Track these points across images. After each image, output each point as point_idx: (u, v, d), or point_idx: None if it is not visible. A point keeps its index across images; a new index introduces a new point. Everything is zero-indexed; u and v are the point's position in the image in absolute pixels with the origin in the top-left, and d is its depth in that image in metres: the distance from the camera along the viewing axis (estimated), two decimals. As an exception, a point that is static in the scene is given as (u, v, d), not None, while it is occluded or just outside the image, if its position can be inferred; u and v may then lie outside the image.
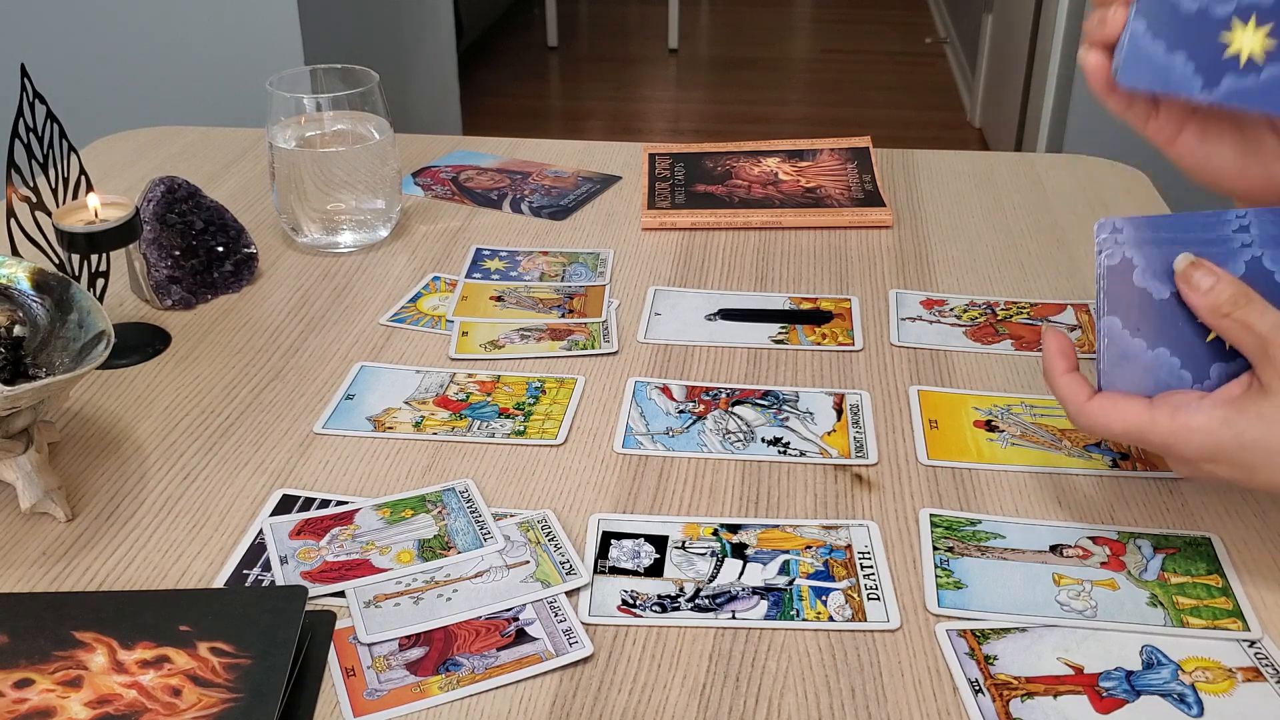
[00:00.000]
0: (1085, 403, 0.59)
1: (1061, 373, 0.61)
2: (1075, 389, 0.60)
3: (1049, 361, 0.61)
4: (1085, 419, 0.59)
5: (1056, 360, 0.61)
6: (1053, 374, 0.61)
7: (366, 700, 0.54)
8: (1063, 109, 2.49)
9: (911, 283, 0.91)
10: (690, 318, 0.86)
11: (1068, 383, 0.60)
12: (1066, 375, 0.61)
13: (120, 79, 2.04)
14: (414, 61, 2.62)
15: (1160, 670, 0.56)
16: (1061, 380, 0.61)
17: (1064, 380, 0.61)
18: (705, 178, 1.07)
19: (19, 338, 0.69)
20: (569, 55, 4.23)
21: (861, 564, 0.62)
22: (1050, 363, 0.61)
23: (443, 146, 1.15)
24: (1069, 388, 0.60)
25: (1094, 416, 0.59)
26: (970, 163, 1.12)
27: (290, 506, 0.67)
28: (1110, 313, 0.59)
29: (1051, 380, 0.61)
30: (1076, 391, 0.60)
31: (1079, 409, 0.59)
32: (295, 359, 0.81)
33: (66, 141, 0.83)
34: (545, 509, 0.66)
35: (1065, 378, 0.61)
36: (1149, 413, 0.57)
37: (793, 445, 0.72)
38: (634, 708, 0.54)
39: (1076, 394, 0.60)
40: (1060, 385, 0.61)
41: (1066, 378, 0.60)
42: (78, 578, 0.62)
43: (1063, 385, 0.60)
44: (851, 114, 3.66)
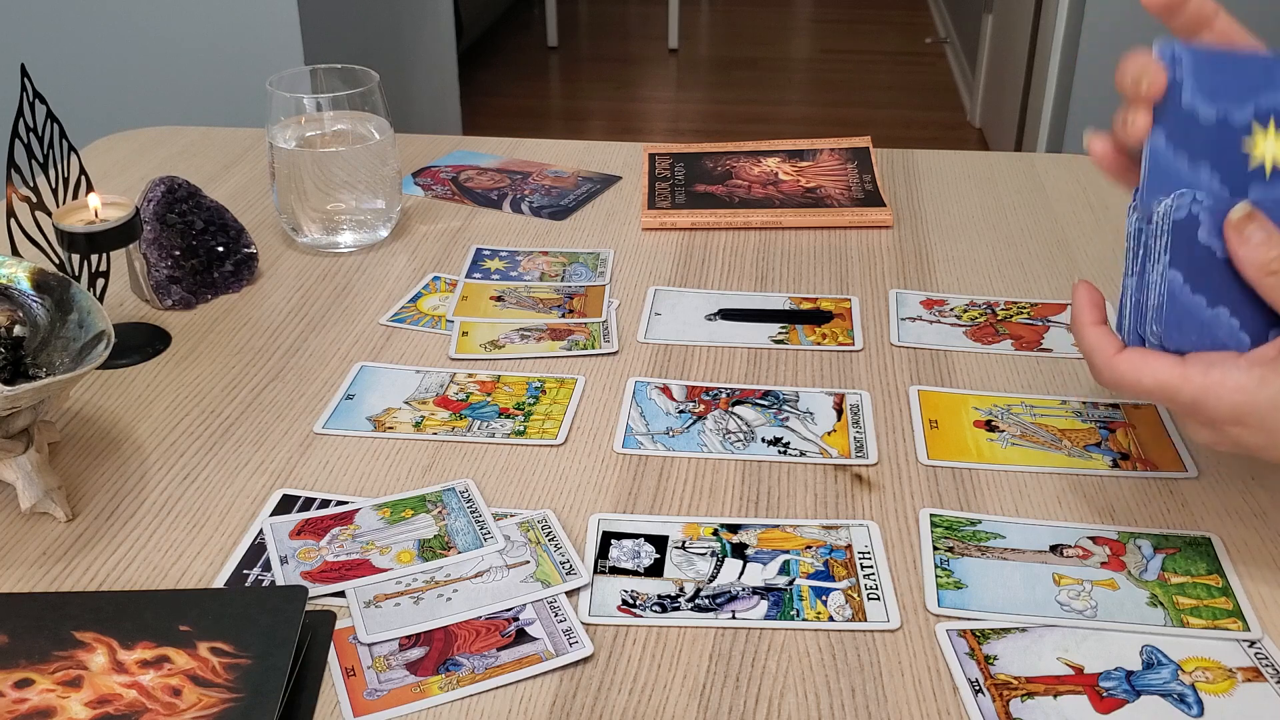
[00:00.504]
0: (1113, 356, 0.57)
1: (1090, 323, 0.59)
2: (1104, 341, 0.58)
3: (1078, 311, 0.59)
4: (1112, 373, 0.57)
5: (1085, 310, 0.59)
6: (1081, 324, 0.59)
7: (366, 700, 0.54)
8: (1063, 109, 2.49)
9: (911, 283, 0.91)
10: (690, 318, 0.86)
11: (1096, 335, 0.58)
12: (1095, 327, 0.58)
13: (120, 79, 2.04)
14: (414, 61, 2.62)
15: (1160, 670, 0.56)
16: (1090, 331, 0.58)
17: (1092, 331, 0.58)
18: (705, 178, 1.07)
19: (19, 338, 0.69)
20: (569, 55, 4.23)
21: (861, 564, 0.62)
22: (1079, 313, 0.59)
23: (443, 146, 1.15)
24: (1097, 340, 0.58)
25: (1122, 371, 0.57)
26: (970, 163, 1.12)
27: (290, 506, 0.67)
28: (1174, 266, 0.56)
29: (1079, 330, 0.59)
30: (1105, 344, 0.58)
31: (1106, 362, 0.57)
32: (295, 359, 0.81)
33: (66, 141, 0.83)
34: (545, 509, 0.66)
35: (1094, 329, 0.58)
36: (1181, 368, 0.56)
37: (793, 445, 0.72)
38: (634, 708, 0.54)
39: (1104, 346, 0.58)
40: (1089, 336, 0.58)
41: (1095, 329, 0.58)
42: (78, 578, 0.62)
43: (1091, 336, 0.58)
44: (851, 114, 3.66)
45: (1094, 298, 0.59)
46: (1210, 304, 0.56)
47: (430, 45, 2.72)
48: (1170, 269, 0.56)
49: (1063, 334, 0.83)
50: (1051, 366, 0.80)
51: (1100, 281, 0.90)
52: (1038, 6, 2.64)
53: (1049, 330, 0.84)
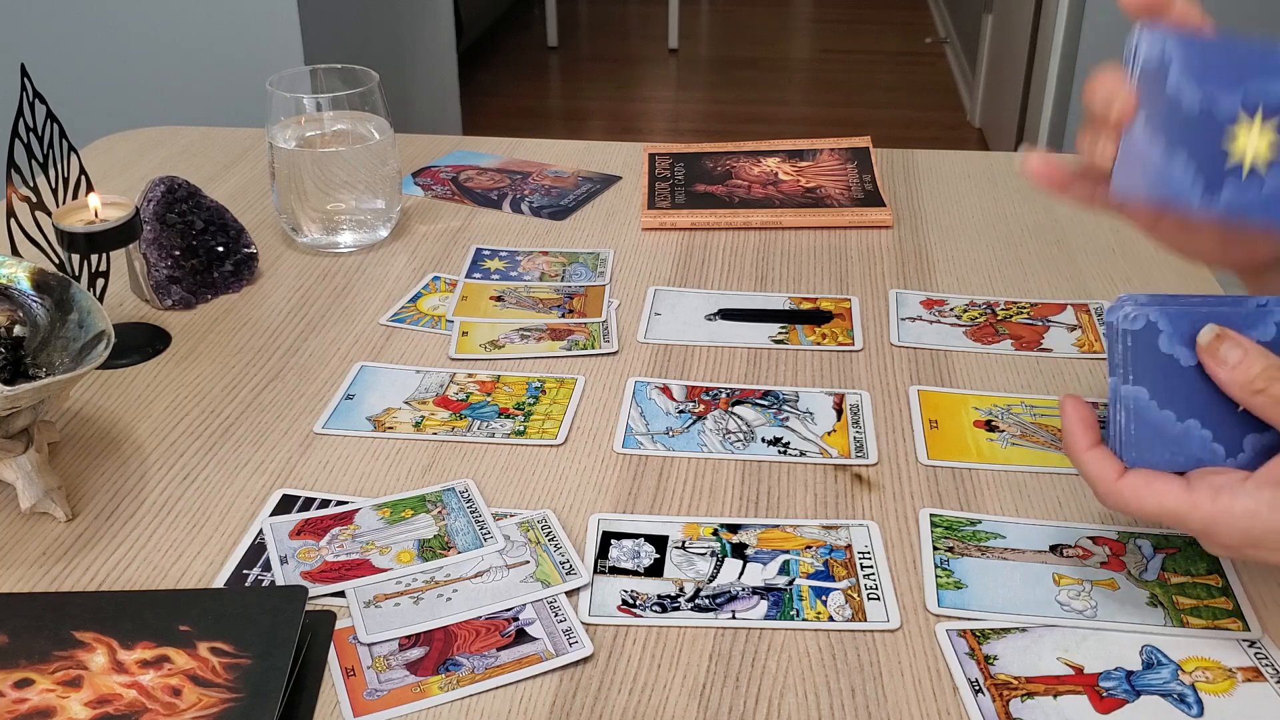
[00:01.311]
0: (1115, 482, 0.55)
1: (1086, 449, 0.56)
2: (1104, 467, 0.56)
3: (1071, 436, 0.57)
4: (1116, 499, 0.55)
5: (1080, 434, 0.56)
6: (1076, 450, 0.57)
7: (366, 700, 0.54)
8: (1063, 109, 2.49)
9: (911, 283, 0.91)
10: (690, 318, 0.86)
11: (1094, 459, 0.56)
12: (1092, 451, 0.56)
13: (120, 79, 2.04)
14: (414, 61, 2.62)
15: (1160, 670, 0.56)
16: (1087, 457, 0.56)
17: (1090, 457, 0.56)
18: (705, 178, 1.07)
19: (19, 338, 0.69)
20: (569, 55, 4.23)
21: (861, 564, 0.62)
22: (1072, 438, 0.57)
23: (443, 146, 1.15)
24: (1097, 465, 0.56)
25: (1126, 498, 0.55)
26: (970, 163, 1.12)
27: (290, 506, 0.67)
28: (1137, 382, 0.54)
29: (1075, 457, 0.57)
30: (1105, 470, 0.55)
31: (1109, 489, 0.55)
32: (295, 359, 0.81)
33: (66, 141, 0.83)
34: (545, 509, 0.66)
35: (1091, 454, 0.56)
36: (1188, 495, 0.54)
37: (793, 445, 0.72)
38: (634, 708, 0.54)
39: (1106, 473, 0.55)
40: (1087, 463, 0.56)
41: (1092, 454, 0.56)
42: (78, 578, 0.62)
43: (1089, 462, 0.56)
44: (851, 114, 3.66)
45: (1086, 417, 0.57)
46: (1180, 417, 0.55)
47: (430, 45, 2.72)
48: (1134, 385, 0.55)
49: (1062, 334, 0.83)
50: (1051, 366, 0.80)
51: (1100, 282, 0.90)
52: (1038, 6, 2.64)
53: (1049, 330, 0.84)
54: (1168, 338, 0.54)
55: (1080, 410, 0.57)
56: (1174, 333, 0.54)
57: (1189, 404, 0.55)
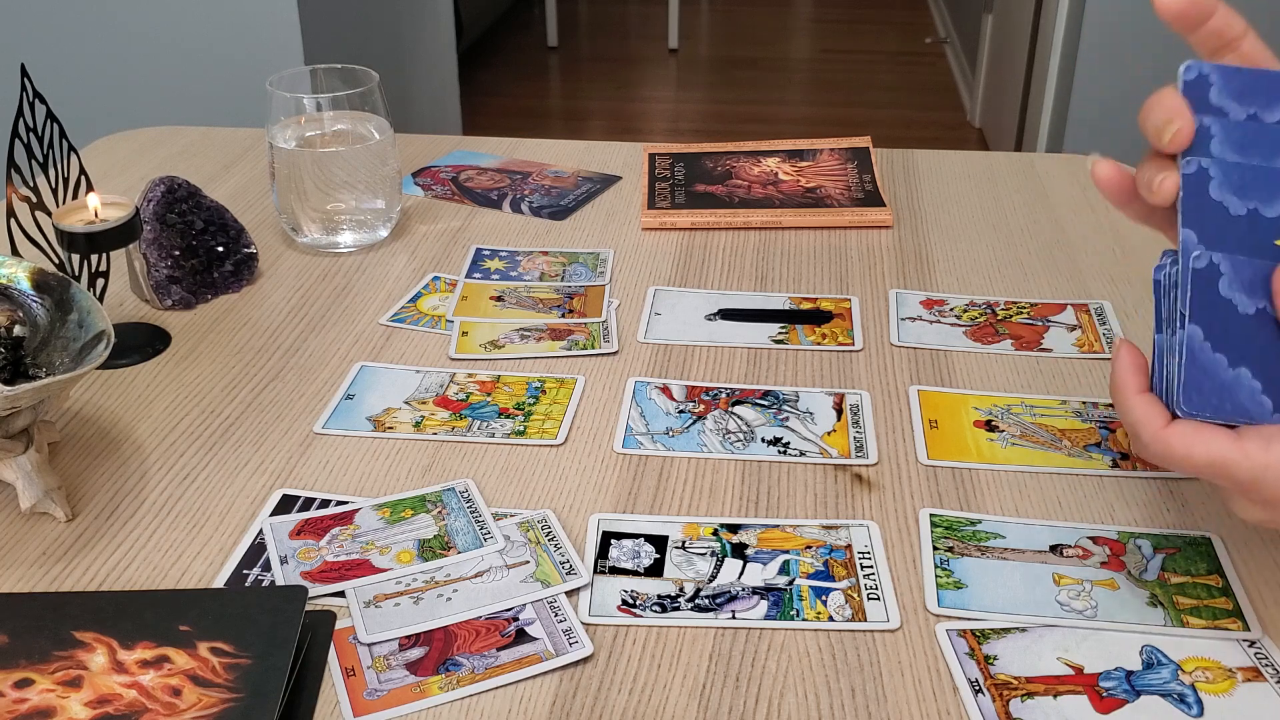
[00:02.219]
0: (1162, 429, 0.53)
1: (1136, 391, 0.54)
2: (1151, 412, 0.53)
3: (1121, 377, 0.54)
4: (1161, 446, 0.53)
5: (1130, 376, 0.54)
6: (1125, 392, 0.54)
7: (366, 700, 0.54)
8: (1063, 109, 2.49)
9: (911, 283, 0.91)
10: (690, 318, 0.86)
11: (1143, 404, 0.54)
12: (1141, 395, 0.54)
13: (120, 79, 2.04)
14: (414, 61, 2.62)
15: (1160, 670, 0.56)
16: (1136, 400, 0.54)
17: (1139, 401, 0.54)
18: (705, 178, 1.07)
19: (19, 338, 0.69)
20: (569, 55, 4.23)
21: (861, 564, 0.62)
22: (1122, 379, 0.54)
23: (443, 146, 1.15)
24: (1144, 410, 0.53)
25: (1172, 445, 0.52)
26: (970, 163, 1.12)
27: (290, 506, 0.67)
28: (1194, 320, 0.53)
29: (1123, 399, 0.54)
30: (1153, 415, 0.53)
31: (1154, 435, 0.53)
32: (295, 359, 0.81)
33: (66, 141, 0.83)
34: (545, 509, 0.66)
35: (1140, 398, 0.54)
36: (1238, 444, 0.51)
37: (793, 445, 0.72)
38: (634, 708, 0.54)
39: (1153, 418, 0.53)
40: (1135, 406, 0.54)
41: (1141, 398, 0.54)
42: (78, 578, 0.62)
43: (1138, 407, 0.54)
44: (851, 114, 3.66)
45: (1138, 361, 0.55)
46: (1231, 364, 0.53)
47: (430, 45, 2.72)
48: (1190, 323, 0.53)
49: (1063, 334, 0.83)
50: (1051, 366, 0.80)
51: (1100, 282, 0.90)
52: (1038, 6, 2.64)
53: (1049, 330, 0.84)
54: (1228, 281, 0.53)
55: (1133, 355, 0.55)
56: (1235, 277, 0.53)
57: (1241, 351, 0.53)
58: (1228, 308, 0.53)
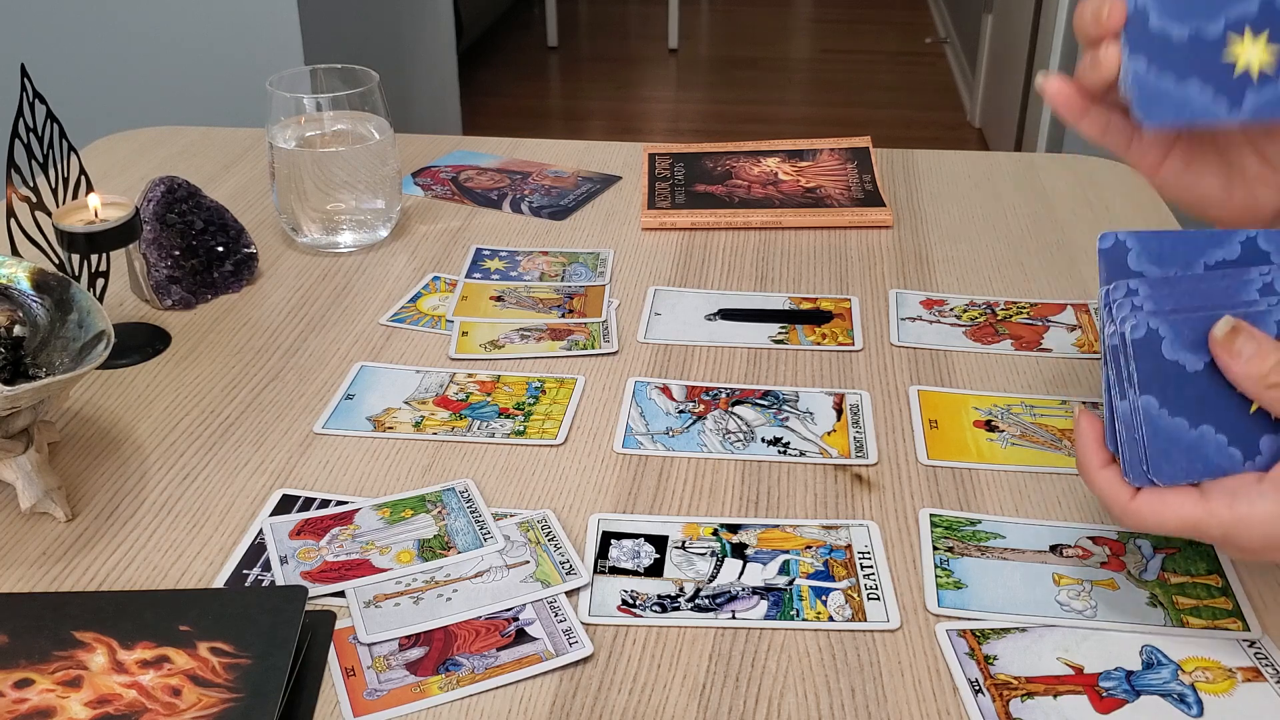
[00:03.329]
0: (1130, 502, 0.54)
1: (1098, 468, 0.56)
2: (1117, 487, 0.55)
3: (1084, 453, 0.56)
4: (1133, 518, 0.54)
5: (1093, 452, 0.56)
6: (1089, 469, 0.56)
7: (366, 700, 0.54)
8: (1063, 109, 2.48)
9: (911, 283, 0.91)
10: (690, 318, 0.86)
11: (1107, 480, 0.55)
12: (1104, 470, 0.55)
13: (120, 79, 2.04)
14: (414, 61, 2.62)
15: (1160, 670, 0.56)
16: (1100, 476, 0.55)
17: (1103, 476, 0.55)
18: (705, 178, 1.07)
19: (19, 338, 0.69)
20: (569, 55, 4.23)
21: (861, 564, 0.62)
22: (1086, 455, 0.56)
23: (443, 146, 1.15)
24: (1109, 486, 0.55)
25: (1144, 515, 0.54)
26: (970, 163, 1.12)
27: (290, 506, 0.67)
28: (1145, 391, 0.53)
29: (1088, 476, 0.56)
30: (1118, 490, 0.55)
31: (1124, 509, 0.55)
32: (295, 359, 0.81)
33: (66, 141, 0.83)
34: (545, 509, 0.66)
35: (1104, 473, 0.55)
36: (1204, 504, 0.53)
37: (793, 445, 0.72)
38: (634, 708, 0.54)
39: (1119, 492, 0.55)
40: (1100, 482, 0.55)
41: (1105, 473, 0.55)
42: (78, 578, 0.62)
43: (1102, 482, 0.55)
44: (851, 114, 3.66)
45: (1098, 434, 0.56)
46: (1192, 424, 0.54)
47: (430, 45, 2.72)
48: (1142, 395, 0.54)
49: (1062, 334, 0.83)
50: (1051, 366, 0.80)
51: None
52: (1038, 6, 2.64)
53: (1049, 330, 0.84)
54: (1170, 344, 0.53)
55: (1094, 427, 0.56)
56: (1176, 339, 0.53)
57: (1199, 410, 0.54)
58: (1176, 370, 0.54)
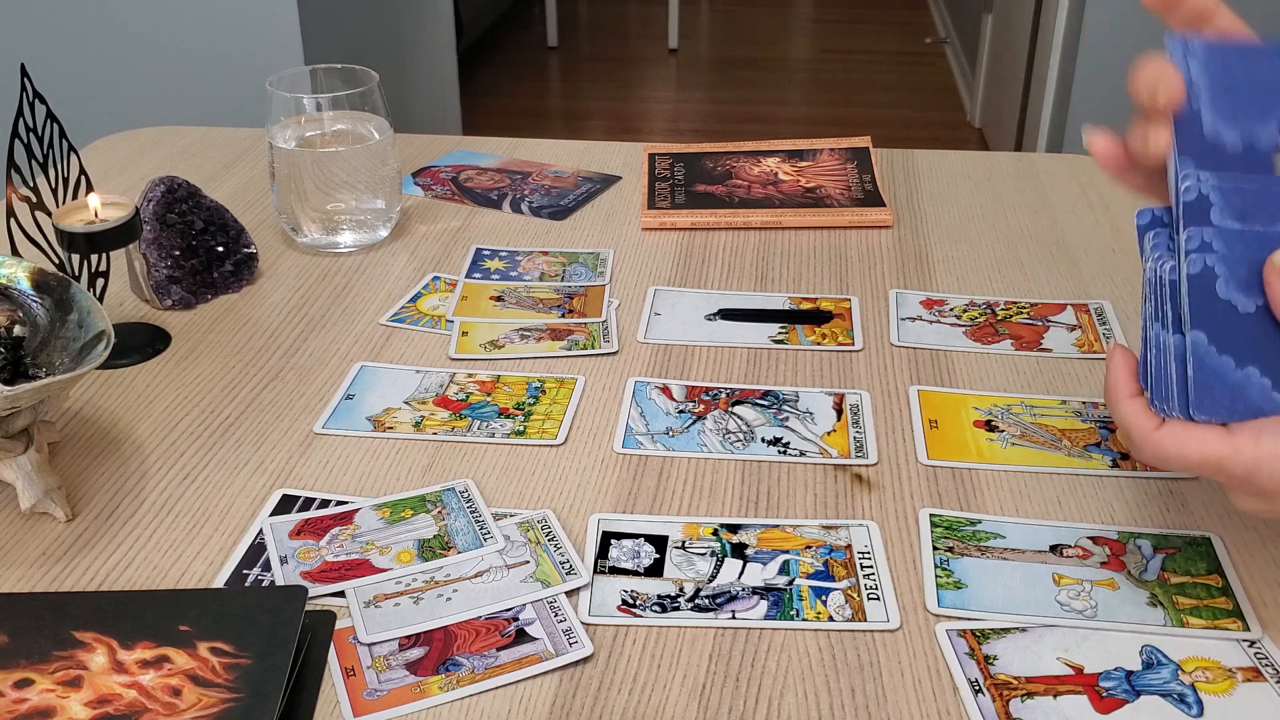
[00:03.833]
0: (1154, 431, 0.54)
1: (1127, 396, 0.55)
2: (1143, 416, 0.54)
3: (1115, 381, 0.55)
4: (1154, 448, 0.54)
5: (1123, 380, 0.55)
6: (1117, 396, 0.55)
7: (366, 700, 0.54)
8: (1063, 109, 2.49)
9: (911, 283, 0.91)
10: (690, 318, 0.86)
11: (1134, 408, 0.55)
12: (1132, 400, 0.55)
13: (120, 79, 2.04)
14: (414, 61, 2.62)
15: (1160, 670, 0.56)
16: (1127, 405, 0.55)
17: (1130, 405, 0.55)
18: (705, 178, 1.07)
19: (19, 338, 0.69)
20: (569, 55, 4.23)
21: (861, 564, 0.62)
22: (1116, 383, 0.55)
23: (443, 146, 1.15)
24: (1136, 415, 0.54)
25: (1165, 446, 0.53)
26: (970, 163, 1.12)
27: (290, 506, 0.67)
28: (1196, 326, 0.53)
29: (1116, 404, 0.55)
30: (1145, 419, 0.54)
31: (1146, 438, 0.54)
32: (295, 359, 0.81)
33: (66, 141, 0.83)
34: (545, 509, 0.66)
35: (1130, 403, 0.55)
36: (1230, 440, 0.52)
37: (793, 445, 0.72)
38: (634, 708, 0.54)
39: (1144, 422, 0.54)
40: (1127, 411, 0.55)
41: (1132, 403, 0.55)
42: (78, 578, 0.62)
43: (1130, 412, 0.55)
44: (851, 114, 3.66)
45: (1131, 366, 0.56)
46: (1239, 364, 0.53)
47: (430, 45, 2.72)
48: (1192, 330, 0.53)
49: (1063, 334, 0.83)
50: (1051, 366, 0.80)
51: (1100, 282, 0.90)
52: (1038, 6, 2.64)
53: (1049, 330, 0.84)
54: (1224, 282, 0.53)
55: (1126, 359, 0.56)
56: (1231, 277, 0.53)
57: (1247, 351, 0.53)
58: (1228, 309, 0.53)
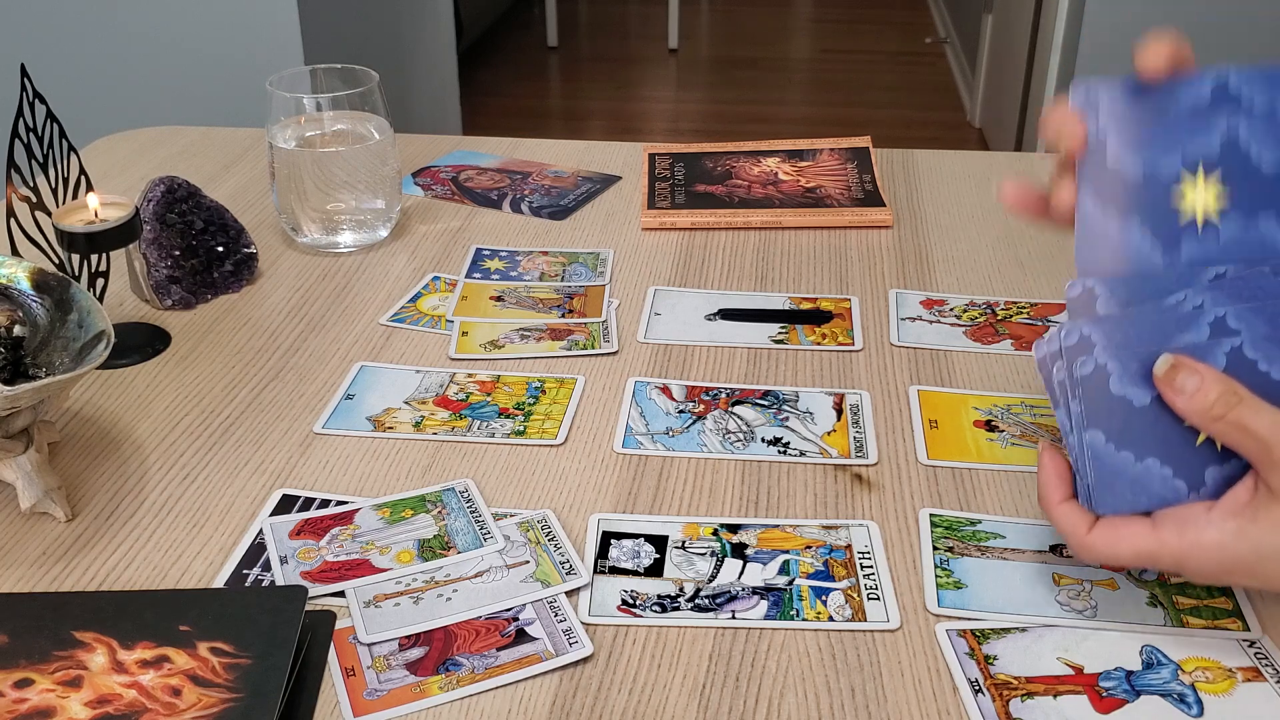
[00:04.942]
0: (1086, 535, 0.56)
1: (1058, 502, 0.57)
2: (1075, 520, 0.56)
3: (1046, 488, 0.58)
4: (1090, 552, 0.56)
5: (1053, 488, 0.58)
6: (1049, 503, 0.58)
7: (366, 700, 0.54)
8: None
9: (911, 283, 0.91)
10: (690, 318, 0.86)
11: (1066, 513, 0.57)
12: (1063, 505, 0.57)
13: (120, 79, 2.04)
14: (414, 61, 2.62)
15: (1160, 670, 0.56)
16: (1059, 511, 0.57)
17: (1062, 511, 0.57)
18: (705, 178, 1.07)
19: (19, 338, 0.69)
20: (569, 55, 4.23)
21: (861, 564, 0.62)
22: (1046, 490, 0.58)
23: (443, 146, 1.15)
24: (1069, 519, 0.57)
25: (1099, 549, 0.56)
26: (970, 163, 1.12)
27: (290, 506, 0.67)
28: (1092, 425, 0.55)
29: (1048, 511, 0.58)
30: (1076, 523, 0.56)
31: (1080, 542, 0.56)
32: (295, 359, 0.81)
33: (66, 141, 0.83)
34: (545, 509, 0.66)
35: (1062, 508, 0.57)
36: (1155, 534, 0.54)
37: (793, 445, 0.72)
38: (634, 708, 0.54)
39: (1077, 526, 0.56)
40: (1059, 518, 0.57)
41: (1063, 508, 0.57)
42: (78, 578, 0.62)
43: (1061, 517, 0.57)
44: (851, 114, 3.66)
45: (1061, 470, 0.58)
46: (1138, 458, 0.54)
47: (430, 45, 2.72)
48: (1089, 429, 0.55)
49: (1063, 334, 0.83)
50: (1051, 366, 0.80)
51: (1100, 281, 0.90)
52: (1038, 6, 2.64)
53: (1049, 330, 0.84)
54: (1118, 379, 0.54)
55: (1056, 463, 0.58)
56: (1124, 373, 0.54)
57: (1145, 443, 0.54)
58: (1123, 405, 0.54)
